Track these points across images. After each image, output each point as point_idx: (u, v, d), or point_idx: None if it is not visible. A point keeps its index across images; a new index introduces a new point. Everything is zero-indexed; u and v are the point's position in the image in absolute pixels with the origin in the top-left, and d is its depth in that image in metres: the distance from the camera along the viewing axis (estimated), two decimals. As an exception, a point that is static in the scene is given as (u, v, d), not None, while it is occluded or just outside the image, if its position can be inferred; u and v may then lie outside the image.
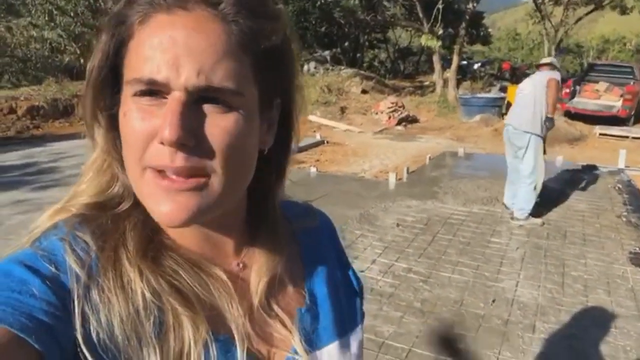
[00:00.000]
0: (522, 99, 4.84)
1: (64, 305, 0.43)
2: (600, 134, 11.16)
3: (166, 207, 0.45)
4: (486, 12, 27.40)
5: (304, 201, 0.72)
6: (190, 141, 0.43)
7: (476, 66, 20.55)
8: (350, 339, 0.64)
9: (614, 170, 7.34)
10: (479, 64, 21.10)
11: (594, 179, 6.81)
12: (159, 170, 0.45)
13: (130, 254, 0.49)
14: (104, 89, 0.49)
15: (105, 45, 0.48)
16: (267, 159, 0.55)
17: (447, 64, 16.55)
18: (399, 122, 12.22)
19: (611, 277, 3.69)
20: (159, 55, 0.43)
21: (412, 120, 12.76)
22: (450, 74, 15.06)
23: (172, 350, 0.46)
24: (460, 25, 15.67)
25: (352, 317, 0.67)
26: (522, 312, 3.17)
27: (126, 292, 0.47)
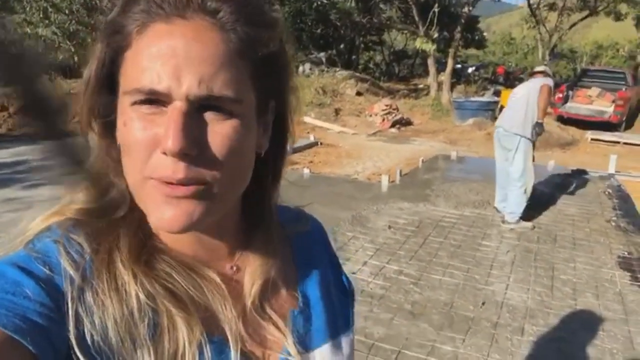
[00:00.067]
0: (515, 102, 4.88)
1: (58, 307, 0.43)
2: (592, 139, 11.24)
3: (168, 214, 0.45)
4: (481, 16, 27.52)
5: (296, 206, 0.73)
6: (193, 151, 0.44)
7: (470, 70, 20.68)
8: (342, 340, 0.65)
9: (605, 175, 7.40)
10: (474, 68, 21.24)
11: (585, 183, 6.86)
12: (160, 180, 0.45)
13: (124, 257, 0.49)
14: (100, 98, 0.49)
15: (101, 53, 0.48)
16: (263, 161, 0.55)
17: (441, 67, 16.62)
18: (393, 125, 12.25)
19: (599, 281, 3.73)
20: (159, 65, 0.43)
21: (405, 122, 12.78)
22: (444, 77, 15.12)
23: (166, 351, 0.46)
24: (455, 28, 15.75)
25: (343, 318, 0.68)
26: (512, 315, 3.19)
27: (120, 294, 0.47)
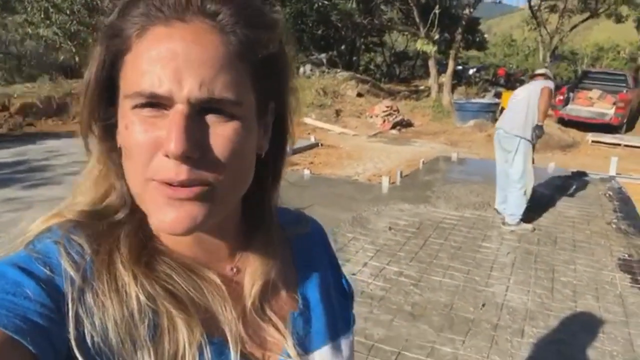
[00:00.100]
0: (516, 104, 4.89)
1: (58, 307, 0.43)
2: (592, 141, 11.24)
3: (170, 216, 0.46)
4: (482, 18, 27.55)
5: (296, 208, 0.73)
6: (195, 153, 0.44)
7: (471, 71, 20.68)
8: (341, 342, 0.65)
9: (605, 177, 7.40)
10: (474, 70, 21.23)
11: (585, 185, 6.86)
12: (163, 182, 0.45)
13: (124, 258, 0.49)
14: (100, 101, 0.50)
15: (100, 57, 0.48)
16: (263, 163, 0.55)
17: (442, 69, 16.62)
18: (394, 126, 12.25)
19: (600, 283, 3.72)
20: (159, 68, 0.43)
21: (406, 124, 12.78)
22: (445, 78, 15.12)
23: (166, 352, 0.46)
24: (456, 30, 15.76)
25: (343, 321, 0.68)
26: (512, 317, 3.19)
27: (120, 295, 0.47)
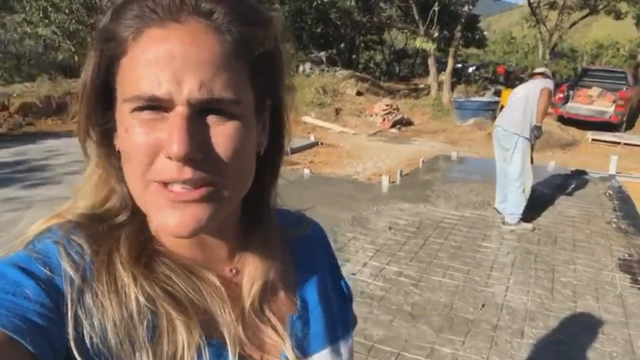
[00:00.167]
0: (514, 102, 4.90)
1: (57, 307, 0.43)
2: (592, 140, 11.24)
3: (174, 219, 0.46)
4: (482, 15, 27.48)
5: (297, 210, 0.73)
6: (197, 154, 0.44)
7: (471, 69, 20.66)
8: (340, 346, 0.65)
9: (605, 176, 7.39)
10: (474, 67, 21.21)
11: (585, 184, 6.86)
12: (165, 182, 0.45)
13: (123, 259, 0.49)
14: (97, 106, 0.49)
15: (95, 61, 0.48)
16: (262, 160, 0.55)
17: (442, 67, 16.60)
18: (393, 125, 12.25)
19: (600, 283, 3.72)
20: (157, 70, 0.43)
21: (406, 123, 12.78)
22: (445, 77, 15.11)
23: (165, 354, 0.46)
24: (455, 28, 15.74)
25: (343, 324, 0.68)
26: (511, 317, 3.19)
27: (120, 296, 0.47)
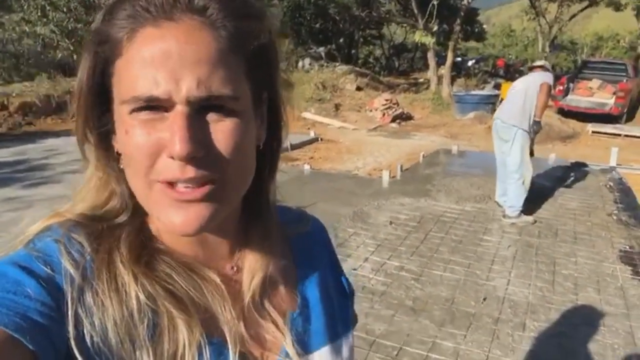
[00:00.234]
0: (514, 95, 4.91)
1: (58, 306, 0.44)
2: (592, 132, 11.21)
3: (179, 218, 0.46)
4: (481, 9, 27.42)
5: (298, 207, 0.73)
6: (200, 152, 0.44)
7: (470, 63, 20.62)
8: (341, 343, 0.65)
9: (606, 168, 7.38)
10: (474, 61, 21.16)
11: (586, 176, 6.85)
12: (169, 182, 0.45)
13: (124, 257, 0.49)
14: (93, 109, 0.49)
15: (90, 64, 0.47)
16: (260, 153, 0.55)
17: (441, 61, 16.56)
18: (393, 120, 12.23)
19: (601, 276, 3.72)
20: (154, 70, 0.43)
21: (406, 117, 12.76)
22: (444, 70, 15.07)
23: (165, 353, 0.46)
24: (455, 21, 15.67)
25: (343, 321, 0.68)
26: (513, 311, 3.20)
27: (120, 295, 0.47)
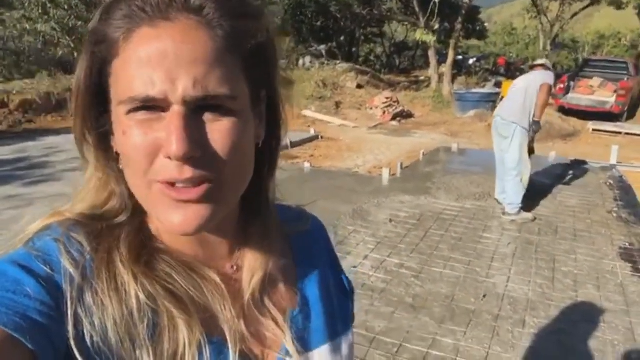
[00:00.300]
0: (514, 93, 4.93)
1: (58, 305, 0.43)
2: (593, 130, 11.19)
3: (178, 218, 0.46)
4: (483, 7, 27.37)
5: (297, 205, 0.73)
6: (197, 152, 0.44)
7: (471, 61, 20.58)
8: (341, 341, 0.65)
9: (606, 166, 7.38)
10: (474, 59, 21.13)
11: (586, 174, 6.85)
12: (168, 182, 0.45)
13: (123, 257, 0.49)
14: (91, 109, 0.49)
15: (87, 64, 0.47)
16: (259, 152, 0.55)
17: (442, 59, 16.54)
18: (394, 118, 12.22)
19: (601, 273, 3.72)
20: (150, 70, 0.43)
21: (406, 115, 12.75)
22: (445, 69, 15.05)
23: (165, 352, 0.46)
24: (456, 19, 15.65)
25: (343, 319, 0.68)
26: (513, 308, 3.20)
27: (120, 294, 0.47)
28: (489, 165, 5.99)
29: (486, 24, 29.12)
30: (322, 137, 9.66)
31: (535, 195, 5.29)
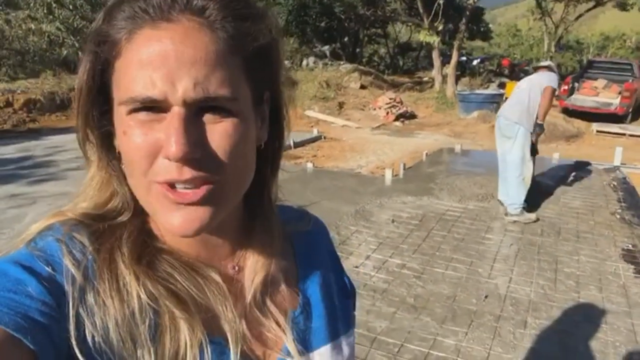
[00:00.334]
0: (518, 94, 4.93)
1: (59, 306, 0.43)
2: (597, 131, 11.16)
3: (178, 219, 0.46)
4: (487, 8, 27.32)
5: (299, 206, 0.73)
6: (196, 154, 0.44)
7: (475, 62, 20.55)
8: (342, 342, 0.65)
9: (610, 167, 7.35)
10: (478, 60, 21.09)
11: (590, 176, 6.82)
12: (168, 183, 0.45)
13: (125, 257, 0.49)
14: (94, 109, 0.49)
15: (89, 64, 0.47)
16: (261, 153, 0.55)
17: (446, 60, 16.52)
18: (397, 118, 12.21)
19: (603, 274, 3.71)
20: (151, 71, 0.43)
21: (410, 116, 12.74)
22: (449, 70, 15.03)
23: (167, 352, 0.47)
24: (460, 20, 15.62)
25: (345, 320, 0.68)
26: (514, 308, 3.19)
27: (122, 294, 0.47)
28: (492, 166, 5.97)
29: (490, 25, 29.06)
30: (325, 138, 9.67)
31: (538, 196, 5.27)
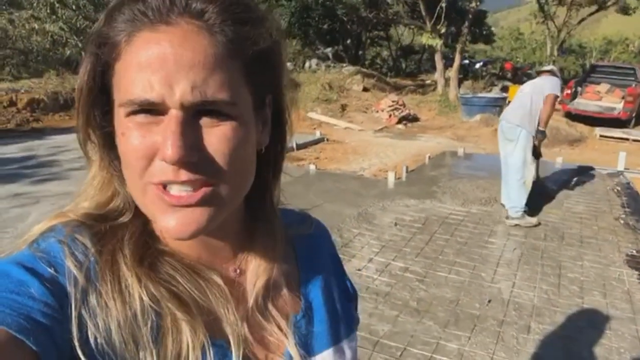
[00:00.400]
0: (521, 97, 4.96)
1: (61, 307, 0.43)
2: (600, 136, 11.15)
3: (173, 222, 0.46)
4: (489, 11, 27.34)
5: (301, 209, 0.73)
6: (193, 157, 0.44)
7: (478, 65, 20.57)
8: (344, 346, 0.65)
9: (614, 172, 7.34)
10: (481, 63, 21.11)
11: (593, 180, 6.81)
12: (162, 185, 0.45)
13: (127, 259, 0.49)
14: (95, 110, 0.49)
15: (90, 66, 0.48)
16: (263, 157, 0.55)
17: (449, 63, 16.52)
18: (400, 121, 12.22)
19: (607, 279, 3.70)
20: (149, 74, 0.43)
21: (412, 119, 12.75)
22: (452, 73, 15.04)
23: (169, 354, 0.46)
24: (463, 23, 15.64)
25: (347, 324, 0.67)
26: (518, 313, 3.18)
27: (124, 296, 0.47)
28: (495, 169, 5.96)
29: (493, 29, 29.09)
30: (327, 140, 9.67)
31: (541, 200, 5.26)
